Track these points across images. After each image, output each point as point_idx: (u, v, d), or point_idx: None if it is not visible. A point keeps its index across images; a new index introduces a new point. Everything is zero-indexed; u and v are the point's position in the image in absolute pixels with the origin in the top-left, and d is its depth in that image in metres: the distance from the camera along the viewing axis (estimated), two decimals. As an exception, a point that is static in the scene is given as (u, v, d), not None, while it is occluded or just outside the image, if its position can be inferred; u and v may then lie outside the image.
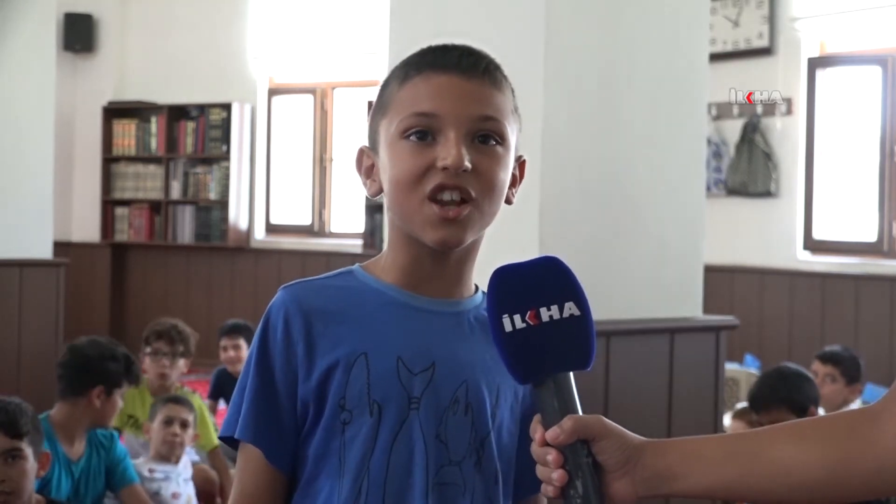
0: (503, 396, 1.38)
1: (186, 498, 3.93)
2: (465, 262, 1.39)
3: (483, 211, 1.33)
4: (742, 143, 7.53)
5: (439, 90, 1.33)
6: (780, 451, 1.19)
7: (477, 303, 1.41)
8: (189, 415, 4.03)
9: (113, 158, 9.28)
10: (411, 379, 1.33)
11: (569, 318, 1.24)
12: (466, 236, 1.34)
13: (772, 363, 7.09)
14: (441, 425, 1.34)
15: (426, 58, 1.37)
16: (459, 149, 1.30)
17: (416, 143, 1.32)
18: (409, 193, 1.32)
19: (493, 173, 1.33)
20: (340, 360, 1.32)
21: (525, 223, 3.08)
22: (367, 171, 1.42)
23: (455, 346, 1.36)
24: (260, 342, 1.36)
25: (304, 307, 1.34)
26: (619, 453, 1.21)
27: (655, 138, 3.36)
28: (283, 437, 1.34)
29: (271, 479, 1.35)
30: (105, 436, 3.62)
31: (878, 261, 6.96)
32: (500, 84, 1.37)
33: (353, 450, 1.32)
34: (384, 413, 1.32)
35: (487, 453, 1.37)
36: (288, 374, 1.34)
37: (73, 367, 3.50)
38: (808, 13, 7.26)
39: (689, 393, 3.39)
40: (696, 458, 1.22)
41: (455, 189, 1.30)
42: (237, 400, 1.36)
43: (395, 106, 1.36)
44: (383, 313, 1.35)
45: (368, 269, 1.41)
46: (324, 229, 8.85)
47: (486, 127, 1.33)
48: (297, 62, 8.90)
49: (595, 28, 3.23)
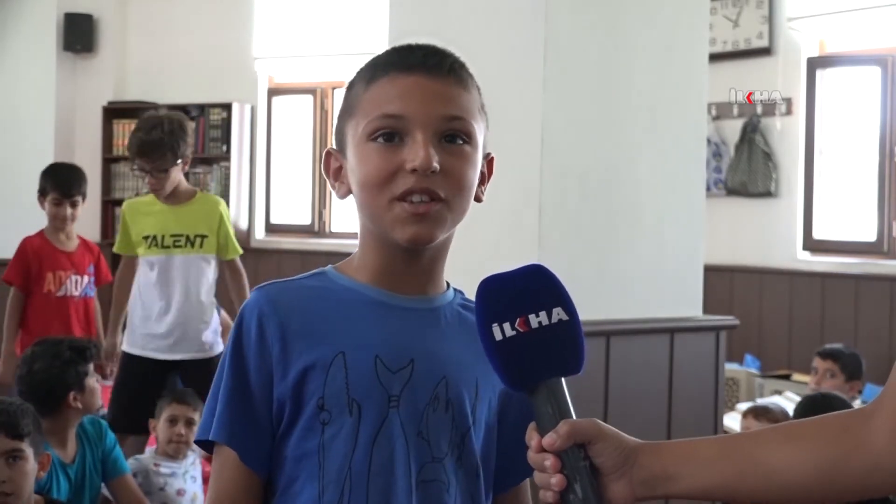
0: (482, 391, 1.39)
1: (192, 495, 3.91)
2: (436, 260, 1.40)
3: (453, 209, 1.34)
4: (742, 143, 7.54)
5: (405, 91, 1.33)
6: (774, 452, 1.20)
7: (450, 299, 1.41)
8: (194, 413, 4.01)
9: (113, 158, 9.27)
10: (390, 377, 1.33)
11: (557, 322, 1.24)
12: (437, 233, 1.34)
13: (772, 363, 7.11)
14: (422, 422, 1.34)
15: (391, 58, 1.37)
16: (428, 150, 1.30)
17: (383, 144, 1.32)
18: (378, 194, 1.33)
19: (462, 173, 1.33)
20: (318, 360, 1.32)
21: (525, 224, 3.08)
22: (336, 174, 1.42)
23: (433, 343, 1.37)
24: (234, 343, 1.35)
25: (279, 307, 1.34)
26: (615, 455, 1.22)
27: (655, 138, 3.37)
28: (259, 439, 1.34)
29: (247, 481, 1.34)
30: (94, 424, 3.60)
31: (877, 261, 6.96)
32: (465, 83, 1.37)
33: (334, 450, 1.31)
34: (364, 412, 1.31)
35: (468, 449, 1.37)
36: (262, 375, 1.33)
37: (35, 397, 3.37)
38: (808, 13, 7.26)
39: (689, 393, 3.40)
40: (691, 460, 1.23)
41: (424, 192, 1.31)
42: (212, 402, 1.35)
43: (361, 108, 1.36)
44: (359, 312, 1.36)
45: (341, 269, 1.42)
46: (324, 229, 8.85)
47: (454, 126, 1.33)
48: (297, 62, 8.90)
49: (595, 28, 3.23)
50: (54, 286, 4.74)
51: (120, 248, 4.44)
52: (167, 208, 4.30)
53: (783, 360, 7.17)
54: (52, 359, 3.52)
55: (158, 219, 4.30)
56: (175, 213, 4.29)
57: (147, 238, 4.30)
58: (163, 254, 4.28)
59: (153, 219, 4.31)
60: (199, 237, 4.30)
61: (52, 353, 3.55)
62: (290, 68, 8.98)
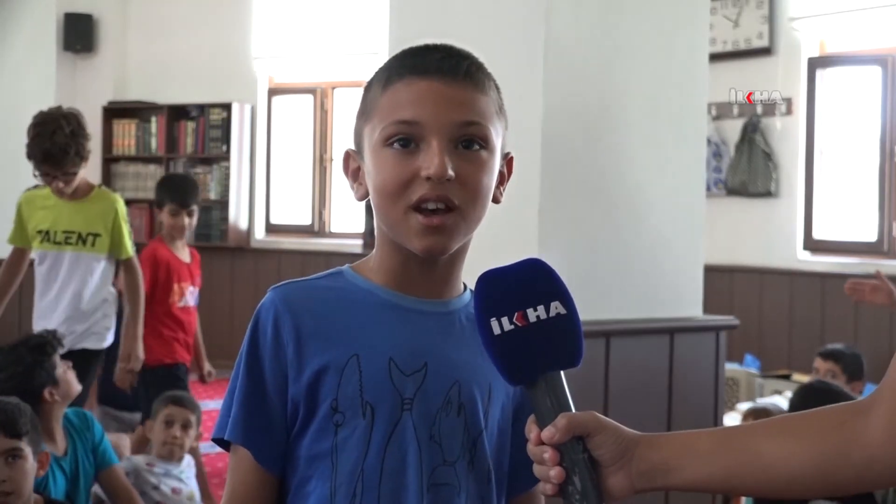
0: (495, 395, 1.39)
1: (188, 493, 3.91)
2: (453, 265, 1.39)
3: (468, 218, 1.33)
4: (742, 143, 7.54)
5: (420, 96, 1.32)
6: (771, 445, 1.20)
7: (466, 302, 1.41)
8: (191, 415, 4.00)
9: (113, 158, 9.28)
10: (403, 380, 1.33)
11: (555, 317, 1.24)
12: (451, 244, 1.34)
13: (772, 363, 7.11)
14: (434, 426, 1.34)
15: (406, 61, 1.36)
16: (442, 157, 1.29)
17: (399, 150, 1.32)
18: (394, 203, 1.32)
19: (477, 180, 1.32)
20: (332, 362, 1.32)
21: (525, 223, 3.08)
22: (354, 174, 1.41)
23: (446, 347, 1.36)
24: (250, 343, 1.35)
25: (294, 308, 1.34)
26: (614, 448, 1.22)
27: (655, 138, 3.37)
28: (273, 439, 1.34)
29: (262, 481, 1.35)
30: (79, 416, 3.60)
31: (878, 261, 6.96)
32: (482, 86, 1.36)
33: (347, 451, 1.31)
34: (377, 414, 1.32)
35: (480, 453, 1.37)
36: (277, 376, 1.34)
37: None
38: (808, 13, 7.26)
39: (689, 393, 3.40)
40: (689, 452, 1.23)
41: (439, 200, 1.30)
42: (227, 401, 1.36)
43: (377, 112, 1.35)
44: (374, 314, 1.35)
45: (358, 269, 1.41)
46: (324, 229, 8.85)
47: (469, 132, 1.32)
48: (297, 62, 8.90)
49: (595, 28, 3.23)
50: (178, 297, 4.78)
51: (13, 239, 4.38)
52: (63, 203, 4.24)
53: (783, 360, 7.17)
54: (14, 366, 3.51)
55: (53, 213, 4.25)
56: (70, 209, 4.24)
57: (41, 232, 4.27)
58: (54, 249, 4.26)
59: (48, 213, 4.26)
60: (91, 235, 4.26)
61: (12, 359, 3.54)
62: (290, 68, 8.98)
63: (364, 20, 8.35)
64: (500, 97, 1.40)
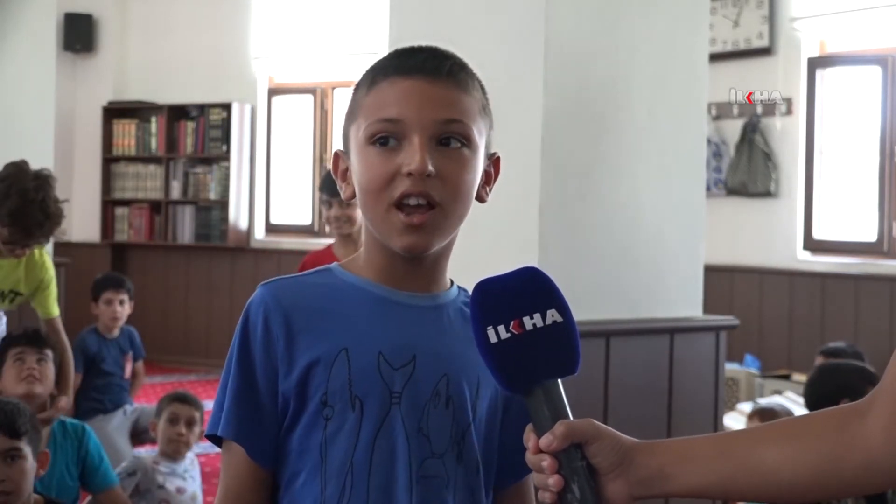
0: (483, 388, 1.40)
1: (192, 494, 3.92)
2: (439, 261, 1.41)
3: (449, 215, 1.34)
4: (742, 143, 7.54)
5: (403, 95, 1.34)
6: (770, 450, 1.20)
7: (453, 296, 1.42)
8: (196, 412, 4.01)
9: (113, 158, 9.28)
10: (392, 373, 1.34)
11: (552, 324, 1.24)
12: (433, 242, 1.35)
13: (772, 363, 7.11)
14: (423, 419, 1.35)
15: (392, 62, 1.38)
16: (423, 154, 1.31)
17: (381, 148, 1.34)
18: (377, 200, 1.34)
19: (458, 177, 1.34)
20: (321, 356, 1.33)
21: (525, 223, 3.08)
22: (343, 175, 1.43)
23: (435, 340, 1.38)
24: (240, 339, 1.37)
25: (284, 303, 1.36)
26: (612, 455, 1.22)
27: (655, 138, 3.37)
28: (266, 434, 1.35)
29: (255, 476, 1.36)
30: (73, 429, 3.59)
31: (877, 261, 6.96)
32: (465, 85, 1.37)
33: (336, 445, 1.33)
34: (366, 408, 1.33)
35: (468, 445, 1.38)
36: (268, 371, 1.35)
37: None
38: (808, 13, 7.26)
39: (689, 393, 3.40)
40: (687, 459, 1.23)
41: (419, 195, 1.32)
42: (220, 397, 1.38)
43: (362, 111, 1.37)
44: (363, 309, 1.37)
45: (346, 266, 1.43)
46: (323, 229, 8.85)
47: (451, 129, 1.34)
48: (297, 62, 8.90)
49: (595, 28, 3.23)
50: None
51: None
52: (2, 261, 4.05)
53: (783, 360, 7.17)
54: None
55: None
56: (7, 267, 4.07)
57: None
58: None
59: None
60: (13, 293, 4.13)
61: None
62: (290, 68, 8.98)
63: (364, 20, 8.35)
64: (486, 97, 1.41)
